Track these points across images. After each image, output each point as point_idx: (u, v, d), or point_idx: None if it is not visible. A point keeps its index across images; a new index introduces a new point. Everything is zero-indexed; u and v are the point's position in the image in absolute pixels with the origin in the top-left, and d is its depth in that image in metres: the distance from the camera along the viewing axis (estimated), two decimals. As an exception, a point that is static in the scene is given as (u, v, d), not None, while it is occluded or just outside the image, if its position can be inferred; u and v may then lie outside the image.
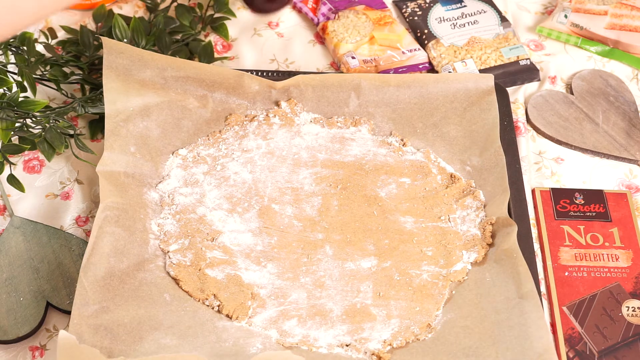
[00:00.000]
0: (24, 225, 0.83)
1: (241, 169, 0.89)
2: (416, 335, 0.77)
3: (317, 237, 0.84)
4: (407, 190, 0.88)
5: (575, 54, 1.05)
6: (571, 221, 0.87)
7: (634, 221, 0.87)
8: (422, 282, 0.80)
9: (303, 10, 1.09)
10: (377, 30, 1.04)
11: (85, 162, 0.88)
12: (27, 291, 0.78)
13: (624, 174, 0.92)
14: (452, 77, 0.94)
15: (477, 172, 0.89)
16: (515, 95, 0.99)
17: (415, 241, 0.84)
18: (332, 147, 0.92)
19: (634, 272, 0.83)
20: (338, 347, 0.76)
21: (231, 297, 0.78)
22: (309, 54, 1.04)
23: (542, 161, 0.93)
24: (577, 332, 0.78)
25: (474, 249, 0.83)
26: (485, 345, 0.75)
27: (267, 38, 1.06)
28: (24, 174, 0.89)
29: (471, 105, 0.93)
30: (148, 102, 0.90)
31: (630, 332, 0.78)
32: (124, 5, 1.08)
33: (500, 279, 0.79)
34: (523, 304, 0.76)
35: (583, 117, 0.97)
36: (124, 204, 0.82)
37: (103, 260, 0.77)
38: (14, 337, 0.76)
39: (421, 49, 1.03)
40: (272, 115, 0.93)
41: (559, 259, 0.84)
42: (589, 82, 1.00)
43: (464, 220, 0.85)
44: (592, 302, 0.81)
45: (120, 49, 0.90)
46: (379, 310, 0.78)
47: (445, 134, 0.93)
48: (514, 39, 1.04)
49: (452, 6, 1.08)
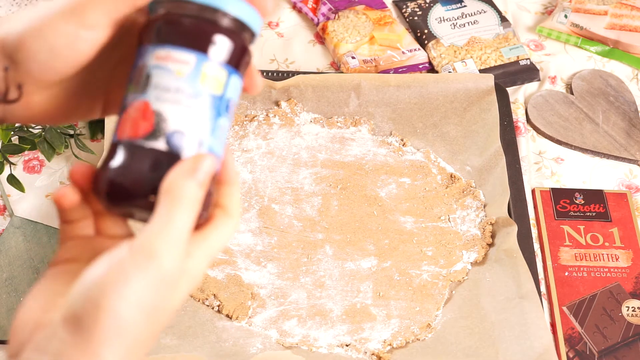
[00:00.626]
0: (24, 225, 0.83)
1: (241, 169, 0.89)
2: (416, 335, 0.77)
3: (317, 237, 0.84)
4: (407, 190, 0.88)
5: (575, 54, 1.05)
6: (571, 221, 0.87)
7: (634, 221, 0.87)
8: (422, 282, 0.80)
9: (303, 10, 1.09)
10: (377, 30, 1.04)
11: (86, 162, 0.88)
12: (27, 291, 0.78)
13: (624, 174, 0.92)
14: (452, 77, 0.94)
15: (477, 172, 0.89)
16: (515, 95, 0.99)
17: (415, 241, 0.84)
18: (332, 147, 0.92)
19: (634, 272, 0.83)
20: (338, 347, 0.76)
21: (231, 297, 0.78)
22: (309, 54, 1.04)
23: (542, 161, 0.93)
24: (577, 332, 0.78)
25: (474, 249, 0.83)
26: (485, 345, 0.75)
27: (267, 38, 1.06)
28: (24, 174, 0.89)
29: (471, 105, 0.93)
30: (148, 102, 0.90)
31: (630, 332, 0.78)
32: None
33: (500, 279, 0.79)
34: (523, 304, 0.76)
35: (583, 117, 0.97)
36: (124, 204, 0.82)
37: (103, 260, 0.77)
38: (14, 337, 0.76)
39: (421, 49, 1.03)
40: (272, 115, 0.93)
41: (559, 259, 0.84)
42: (589, 82, 1.00)
43: (464, 220, 0.85)
44: (592, 302, 0.80)
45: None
46: (379, 310, 0.78)
47: (445, 134, 0.93)
48: (514, 39, 1.04)
49: (452, 6, 1.08)
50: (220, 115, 0.45)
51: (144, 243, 0.39)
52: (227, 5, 0.45)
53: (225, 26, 0.46)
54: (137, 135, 0.43)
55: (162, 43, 0.44)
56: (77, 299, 0.38)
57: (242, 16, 0.46)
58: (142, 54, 0.45)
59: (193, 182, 0.40)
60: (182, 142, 0.43)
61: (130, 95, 0.44)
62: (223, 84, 0.45)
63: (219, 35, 0.45)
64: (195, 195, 0.40)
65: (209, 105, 0.44)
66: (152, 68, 0.44)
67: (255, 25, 0.47)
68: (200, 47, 0.44)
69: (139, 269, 0.38)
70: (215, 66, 0.45)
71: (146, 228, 0.39)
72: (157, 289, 0.38)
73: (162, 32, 0.45)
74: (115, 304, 0.37)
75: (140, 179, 0.42)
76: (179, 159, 0.42)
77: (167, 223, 0.39)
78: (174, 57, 0.44)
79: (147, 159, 0.42)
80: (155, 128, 0.43)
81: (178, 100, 0.43)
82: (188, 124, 0.43)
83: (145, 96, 0.43)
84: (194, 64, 0.44)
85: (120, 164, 0.42)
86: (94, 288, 0.38)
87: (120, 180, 0.42)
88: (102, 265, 0.39)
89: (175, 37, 0.44)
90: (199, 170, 0.41)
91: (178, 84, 0.44)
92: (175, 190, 0.40)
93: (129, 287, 0.37)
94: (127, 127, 0.43)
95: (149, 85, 0.44)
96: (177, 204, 0.40)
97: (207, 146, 0.44)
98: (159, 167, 0.42)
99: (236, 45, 0.46)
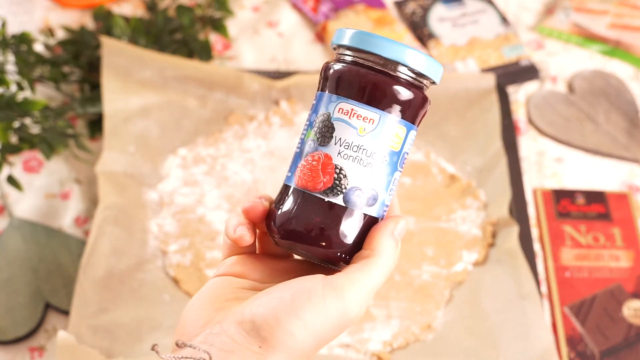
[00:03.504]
0: (23, 225, 0.83)
1: (241, 169, 0.89)
2: (417, 335, 0.76)
3: (317, 237, 0.83)
4: (408, 190, 0.88)
5: (576, 54, 1.04)
6: (572, 221, 0.87)
7: (635, 221, 0.87)
8: (422, 282, 0.80)
9: (303, 10, 1.09)
10: (377, 30, 1.04)
11: (85, 162, 0.88)
12: (26, 292, 0.78)
13: (626, 174, 0.92)
14: (452, 77, 0.94)
15: (478, 172, 0.89)
16: (515, 95, 0.98)
17: (416, 241, 0.83)
18: (332, 147, 0.91)
19: (635, 272, 0.83)
20: (338, 347, 0.75)
21: (231, 298, 0.78)
22: (309, 54, 1.04)
23: (543, 161, 0.93)
24: (578, 332, 0.78)
25: (474, 249, 0.83)
26: (486, 345, 0.74)
27: (267, 38, 1.06)
28: (23, 174, 0.89)
29: (472, 105, 0.93)
30: (147, 102, 0.89)
31: (632, 333, 0.78)
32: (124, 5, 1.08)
33: (501, 279, 0.79)
34: (524, 305, 0.76)
35: (584, 117, 0.96)
36: (124, 204, 0.82)
37: (102, 261, 0.77)
38: (13, 337, 0.76)
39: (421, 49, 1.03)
40: (272, 115, 0.93)
41: (560, 259, 0.84)
42: (590, 81, 1.00)
43: (464, 221, 0.85)
44: (593, 303, 0.80)
45: (120, 48, 0.90)
46: (379, 311, 0.78)
47: (446, 134, 0.92)
48: (514, 39, 1.04)
49: (452, 5, 1.08)
50: (396, 169, 0.47)
51: (341, 284, 0.44)
52: (414, 61, 0.45)
53: (411, 83, 0.46)
54: (317, 188, 0.45)
55: (346, 97, 0.45)
56: (260, 310, 0.43)
57: (427, 71, 0.46)
58: (323, 101, 0.46)
59: (393, 242, 0.46)
60: (359, 199, 0.46)
61: (310, 141, 0.46)
62: (402, 140, 0.46)
63: (404, 94, 0.45)
64: (394, 254, 0.46)
65: (387, 162, 0.46)
66: (335, 120, 0.45)
67: (437, 75, 0.47)
68: (385, 107, 0.45)
69: (327, 304, 0.43)
70: (397, 124, 0.46)
71: (347, 272, 0.44)
72: (334, 327, 0.43)
73: (347, 86, 0.46)
74: (294, 326, 0.42)
75: (315, 228, 0.45)
76: (352, 213, 0.46)
77: (365, 274, 0.45)
78: (358, 113, 0.45)
79: (323, 210, 0.45)
80: (334, 183, 0.45)
81: (359, 158, 0.45)
82: (366, 181, 0.45)
83: (327, 149, 0.45)
84: (377, 121, 0.45)
85: (297, 212, 0.46)
86: (280, 305, 0.43)
87: (295, 228, 0.46)
88: (292, 287, 0.44)
89: (361, 95, 0.45)
90: (397, 231, 0.46)
91: (360, 141, 0.45)
92: (378, 248, 0.45)
93: (312, 315, 0.43)
94: (307, 176, 0.46)
95: (331, 138, 0.45)
96: (377, 260, 0.45)
97: (380, 201, 0.46)
98: (334, 220, 0.45)
99: (418, 102, 0.46)
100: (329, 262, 0.47)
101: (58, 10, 1.06)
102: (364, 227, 0.46)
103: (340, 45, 0.47)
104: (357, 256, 0.46)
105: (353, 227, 0.46)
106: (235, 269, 0.48)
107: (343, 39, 0.46)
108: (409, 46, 0.45)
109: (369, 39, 0.45)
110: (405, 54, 0.45)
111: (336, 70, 0.46)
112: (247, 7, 1.09)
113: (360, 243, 0.46)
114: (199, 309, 0.45)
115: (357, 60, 0.46)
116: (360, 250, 0.46)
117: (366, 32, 0.46)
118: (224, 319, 0.43)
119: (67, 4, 1.06)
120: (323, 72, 0.47)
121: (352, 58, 0.46)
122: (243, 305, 0.44)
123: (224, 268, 0.48)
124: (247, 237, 0.47)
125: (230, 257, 0.49)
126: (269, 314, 0.42)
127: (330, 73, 0.46)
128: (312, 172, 0.45)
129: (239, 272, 0.48)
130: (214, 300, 0.46)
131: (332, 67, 0.47)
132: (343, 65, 0.46)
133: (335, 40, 0.47)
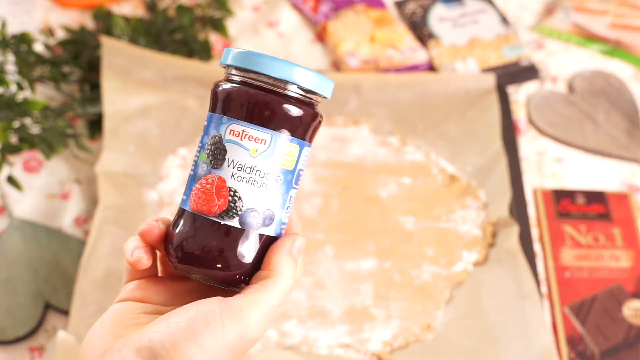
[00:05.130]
0: (23, 225, 0.83)
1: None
2: (417, 335, 0.76)
3: (317, 237, 0.83)
4: (408, 190, 0.88)
5: (577, 54, 1.04)
6: (572, 221, 0.87)
7: (635, 221, 0.87)
8: (422, 282, 0.80)
9: (303, 10, 1.09)
10: (377, 29, 1.04)
11: (85, 162, 0.88)
12: (26, 292, 0.78)
13: (626, 174, 0.92)
14: (452, 77, 0.94)
15: (478, 172, 0.89)
16: (515, 95, 0.98)
17: (416, 241, 0.83)
18: (332, 146, 0.91)
19: (636, 272, 0.83)
20: (338, 347, 0.75)
21: (231, 298, 0.78)
22: (309, 54, 1.04)
23: (543, 161, 0.93)
24: (578, 332, 0.78)
25: (474, 249, 0.83)
26: (486, 346, 0.74)
27: (267, 38, 1.06)
28: (23, 174, 0.89)
29: (471, 105, 0.93)
30: (147, 102, 0.89)
31: (632, 333, 0.78)
32: (124, 5, 1.08)
33: (501, 279, 0.79)
34: (524, 305, 0.76)
35: (584, 117, 0.96)
36: (123, 204, 0.82)
37: (102, 261, 0.77)
38: (13, 337, 0.76)
39: (421, 49, 1.03)
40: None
41: (560, 259, 0.84)
42: (590, 81, 1.00)
43: (464, 220, 0.85)
44: (593, 303, 0.80)
45: (120, 48, 0.90)
46: (380, 311, 0.78)
47: (446, 133, 0.92)
48: (514, 39, 1.04)
49: (452, 5, 1.08)
50: (291, 187, 0.46)
51: (239, 306, 0.43)
52: (302, 78, 0.45)
53: (301, 101, 0.45)
54: (212, 211, 0.45)
55: (237, 118, 0.45)
56: (157, 337, 0.42)
57: (316, 87, 0.46)
58: (214, 122, 0.46)
59: (291, 260, 0.45)
60: (255, 220, 0.45)
61: (203, 163, 0.45)
62: (295, 158, 0.46)
63: (295, 112, 0.45)
64: (292, 273, 0.45)
65: (282, 181, 0.46)
66: (227, 142, 0.45)
67: (326, 90, 0.47)
68: (276, 127, 0.45)
69: (225, 328, 0.42)
70: (289, 142, 0.45)
71: (246, 293, 0.44)
72: (234, 349, 0.43)
73: (237, 107, 0.45)
74: (192, 351, 0.41)
75: (212, 251, 0.45)
76: (249, 234, 0.45)
77: (264, 295, 0.44)
78: (250, 135, 0.45)
79: (220, 234, 0.45)
80: (229, 206, 0.45)
81: (253, 179, 0.45)
82: (261, 201, 0.45)
83: (221, 172, 0.45)
84: (269, 142, 0.45)
85: (193, 236, 0.45)
86: (178, 331, 0.42)
87: (193, 251, 0.45)
88: (189, 312, 0.43)
89: (251, 116, 0.45)
90: (295, 249, 0.46)
91: (253, 163, 0.45)
92: (277, 268, 0.45)
93: (211, 340, 0.42)
94: (202, 200, 0.45)
95: (223, 161, 0.45)
96: (276, 280, 0.45)
97: (277, 220, 0.46)
98: (230, 243, 0.45)
99: (309, 119, 0.46)
100: (228, 285, 0.46)
101: (58, 10, 1.06)
102: (262, 247, 0.46)
103: (228, 65, 0.46)
104: (256, 276, 0.46)
105: (250, 248, 0.46)
106: (136, 293, 0.47)
107: (230, 58, 0.46)
108: (296, 64, 0.45)
109: (257, 58, 0.45)
110: (294, 72, 0.44)
111: (225, 90, 0.45)
112: (247, 7, 1.09)
113: (259, 263, 0.46)
114: (100, 336, 0.44)
115: (245, 80, 0.45)
116: (259, 271, 0.46)
117: (253, 51, 0.45)
118: (122, 346, 0.42)
119: (67, 4, 1.06)
120: (212, 92, 0.46)
121: (241, 78, 0.45)
122: (141, 331, 0.43)
123: (125, 293, 0.47)
124: (144, 260, 0.46)
125: (131, 281, 0.48)
126: (167, 340, 0.41)
127: (219, 94, 0.46)
128: (206, 195, 0.45)
129: (140, 296, 0.47)
130: (114, 327, 0.45)
131: (221, 87, 0.46)
132: (232, 85, 0.45)
133: (223, 60, 0.46)
